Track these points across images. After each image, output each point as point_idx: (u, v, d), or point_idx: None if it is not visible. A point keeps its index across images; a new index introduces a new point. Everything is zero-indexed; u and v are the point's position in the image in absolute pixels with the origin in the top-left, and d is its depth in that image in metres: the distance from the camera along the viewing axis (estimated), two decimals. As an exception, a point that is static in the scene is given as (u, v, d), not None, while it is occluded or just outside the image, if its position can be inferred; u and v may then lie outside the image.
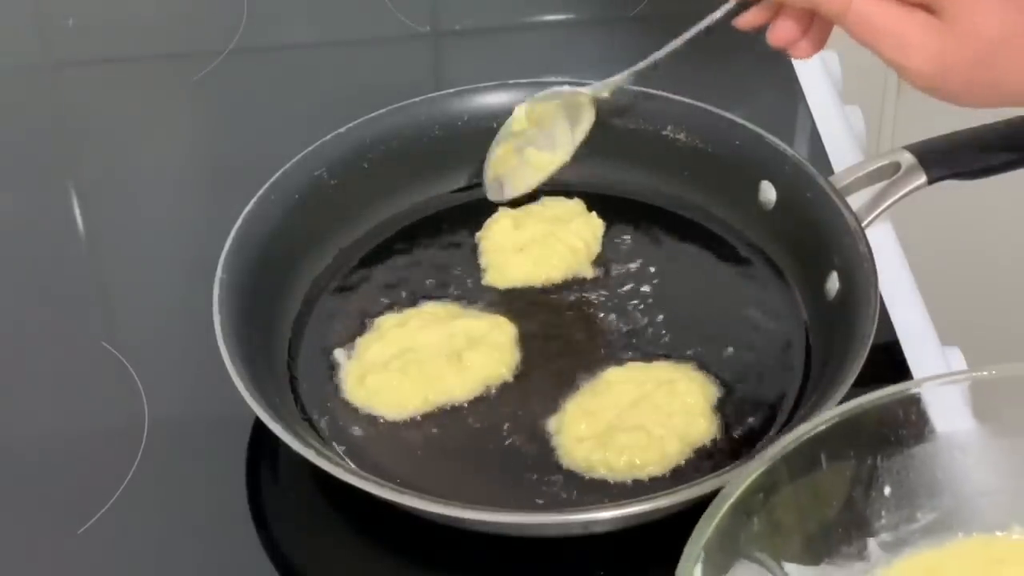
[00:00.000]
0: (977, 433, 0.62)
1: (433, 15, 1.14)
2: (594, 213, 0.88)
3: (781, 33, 0.76)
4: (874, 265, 0.77)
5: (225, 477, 0.76)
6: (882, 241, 0.85)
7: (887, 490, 0.62)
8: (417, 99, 0.91)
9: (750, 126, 0.87)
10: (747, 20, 0.78)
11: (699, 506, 0.68)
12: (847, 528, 0.62)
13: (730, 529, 0.58)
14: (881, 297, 0.76)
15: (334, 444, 0.76)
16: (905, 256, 0.87)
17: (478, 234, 0.87)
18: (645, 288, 0.84)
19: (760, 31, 0.77)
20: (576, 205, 0.88)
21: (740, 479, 0.59)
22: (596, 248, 0.86)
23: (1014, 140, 0.84)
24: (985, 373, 0.63)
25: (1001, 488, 0.62)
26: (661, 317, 0.82)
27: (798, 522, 0.61)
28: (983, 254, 1.43)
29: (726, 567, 0.58)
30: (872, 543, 0.62)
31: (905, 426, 0.62)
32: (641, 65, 0.84)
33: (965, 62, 0.69)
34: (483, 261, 0.85)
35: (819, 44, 0.76)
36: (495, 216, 0.87)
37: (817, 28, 0.76)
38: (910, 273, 0.86)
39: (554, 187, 0.89)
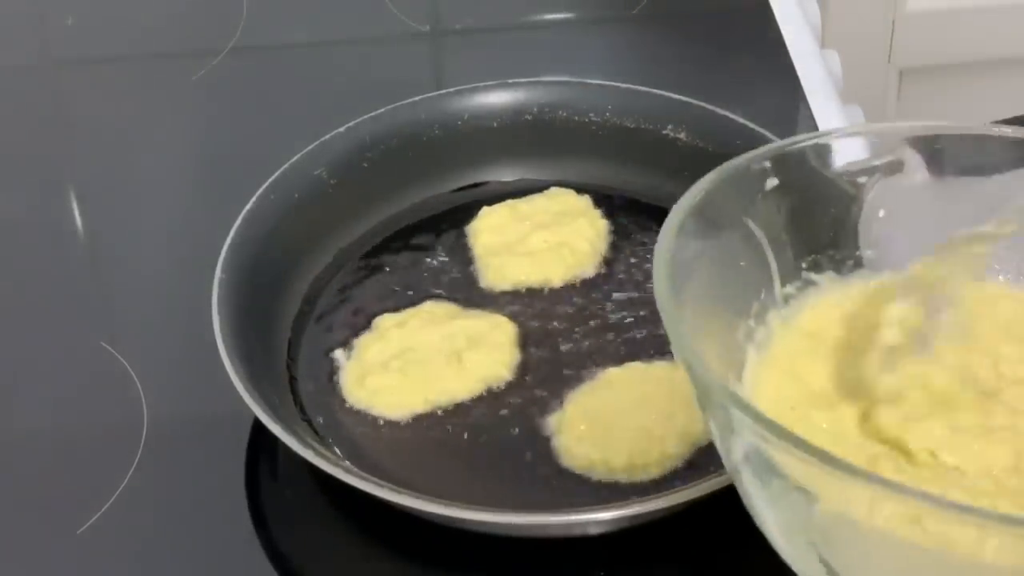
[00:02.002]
0: None
1: (433, 15, 1.14)
2: (599, 212, 0.88)
3: None
4: (874, 265, 0.77)
5: (224, 477, 0.76)
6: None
7: (881, 213, 0.64)
8: (417, 99, 0.91)
9: (750, 126, 0.87)
10: None
11: (699, 506, 0.69)
12: (836, 238, 0.64)
13: (725, 196, 0.61)
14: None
15: (333, 444, 0.76)
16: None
17: (471, 225, 0.87)
18: (644, 287, 0.84)
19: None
20: (582, 201, 0.88)
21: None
22: (600, 249, 0.86)
23: (1015, 138, 0.84)
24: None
25: None
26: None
27: (787, 212, 0.63)
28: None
29: (718, 227, 0.61)
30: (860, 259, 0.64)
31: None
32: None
33: None
34: (483, 262, 0.85)
35: None
36: (494, 207, 0.87)
37: None
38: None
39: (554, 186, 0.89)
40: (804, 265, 0.64)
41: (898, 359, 0.59)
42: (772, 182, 0.62)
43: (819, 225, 0.64)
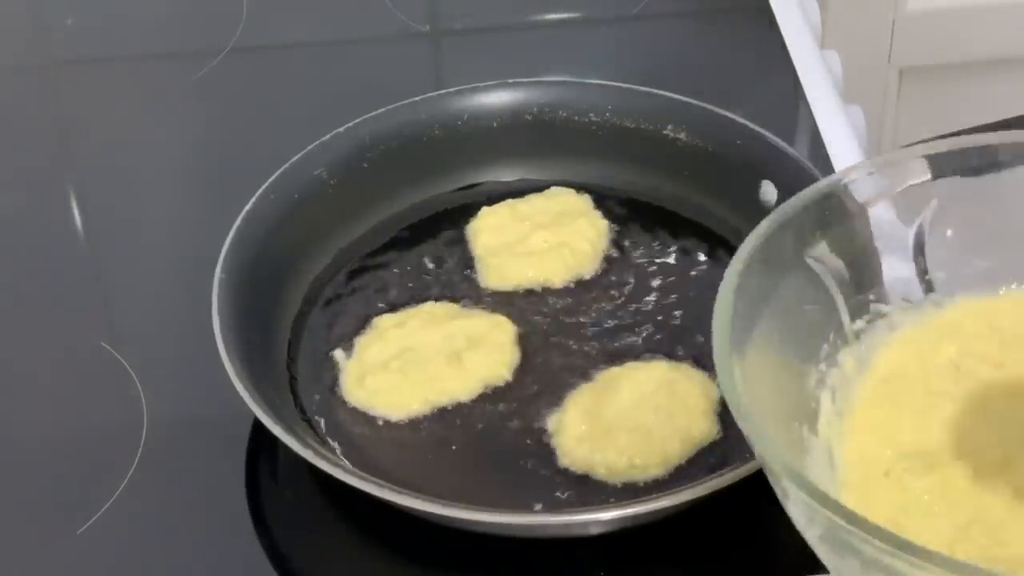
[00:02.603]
0: None
1: (433, 14, 1.14)
2: (599, 212, 0.88)
3: None
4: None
5: (224, 477, 0.76)
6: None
7: (948, 232, 0.62)
8: (417, 99, 0.91)
9: (750, 126, 0.87)
10: None
11: (699, 506, 0.69)
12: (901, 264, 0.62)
13: (782, 238, 0.59)
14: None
15: (333, 444, 0.76)
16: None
17: (471, 225, 0.87)
18: (645, 287, 0.84)
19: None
20: (582, 201, 0.88)
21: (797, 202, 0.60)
22: (600, 249, 0.86)
23: (1015, 138, 0.84)
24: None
25: None
26: (661, 317, 0.82)
27: (849, 246, 0.61)
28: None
29: (779, 276, 0.58)
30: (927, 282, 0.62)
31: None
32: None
33: None
34: (483, 262, 0.85)
35: None
36: (494, 207, 0.87)
37: None
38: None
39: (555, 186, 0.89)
40: (872, 297, 0.62)
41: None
42: (823, 222, 0.60)
43: (879, 255, 0.62)
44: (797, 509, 0.50)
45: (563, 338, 0.81)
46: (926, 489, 0.54)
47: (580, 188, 0.89)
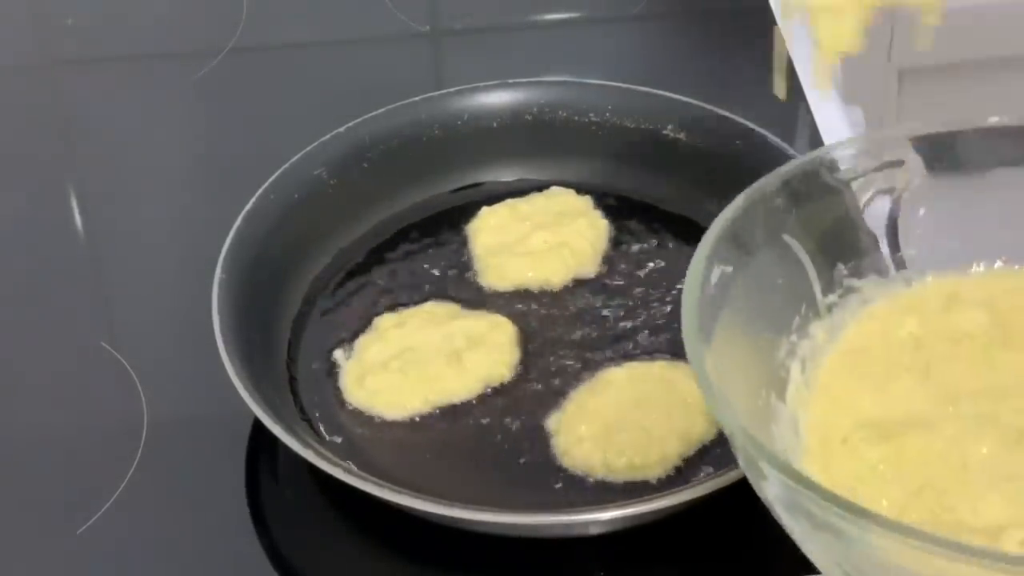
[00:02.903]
0: None
1: (433, 15, 1.14)
2: (599, 212, 0.88)
3: None
4: (874, 265, 0.77)
5: (224, 477, 0.76)
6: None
7: (921, 211, 0.63)
8: (417, 99, 0.91)
9: (750, 126, 0.87)
10: None
11: (699, 506, 0.69)
12: (875, 240, 0.63)
13: (757, 214, 0.60)
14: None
15: (334, 444, 0.76)
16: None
17: (471, 225, 0.87)
18: (645, 287, 0.84)
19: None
20: (582, 201, 0.88)
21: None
22: (600, 249, 0.86)
23: (1015, 137, 0.84)
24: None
25: None
26: (661, 317, 0.82)
27: (823, 223, 0.62)
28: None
29: (753, 249, 0.59)
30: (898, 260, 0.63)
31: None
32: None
33: None
34: (483, 262, 0.85)
35: None
36: (494, 207, 0.87)
37: None
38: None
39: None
40: (845, 272, 0.63)
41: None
42: (802, 197, 0.61)
43: (857, 231, 0.63)
44: (753, 472, 0.52)
45: (563, 338, 0.81)
46: (881, 458, 0.55)
47: (580, 188, 0.89)
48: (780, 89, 0.83)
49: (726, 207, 0.59)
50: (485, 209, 0.88)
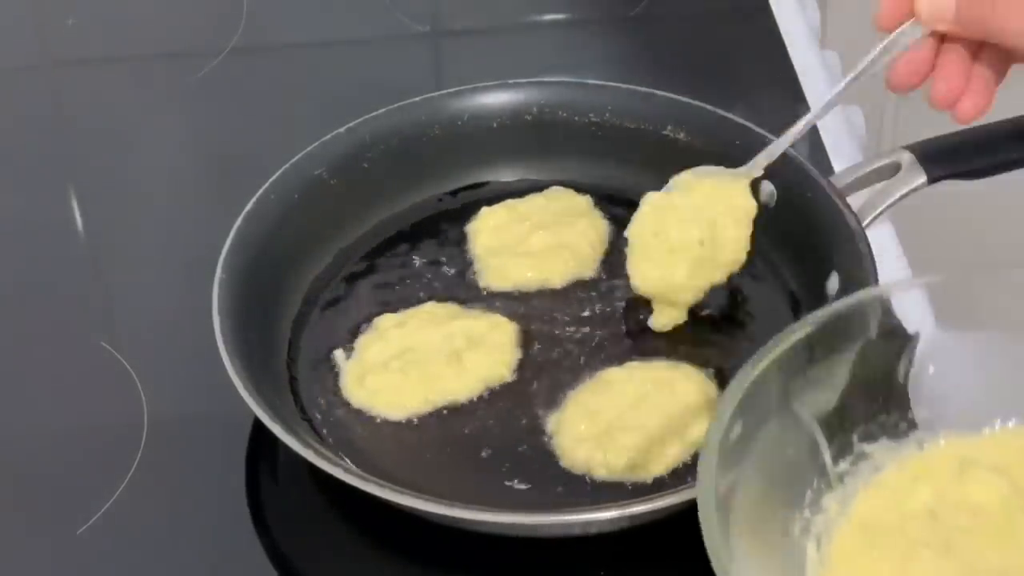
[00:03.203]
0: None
1: (433, 15, 1.14)
2: (599, 212, 0.88)
3: (942, 88, 0.70)
4: (874, 265, 0.77)
5: (225, 477, 0.76)
6: (882, 241, 0.85)
7: (931, 369, 0.61)
8: (417, 99, 0.91)
9: (750, 126, 0.87)
10: (901, 78, 0.72)
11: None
12: (887, 401, 0.61)
13: (767, 383, 0.57)
14: (881, 297, 0.76)
15: (334, 444, 0.76)
16: (905, 256, 0.87)
17: (471, 225, 0.87)
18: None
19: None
20: (582, 201, 0.88)
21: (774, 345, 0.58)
22: (600, 249, 0.86)
23: (1014, 140, 0.84)
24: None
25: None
26: (661, 317, 0.82)
27: (834, 386, 0.59)
28: (983, 254, 1.43)
29: (761, 422, 0.57)
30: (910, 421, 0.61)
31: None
32: (792, 137, 0.80)
33: None
34: (483, 262, 0.85)
35: (986, 99, 0.71)
36: (494, 207, 0.87)
37: (980, 79, 0.71)
38: (910, 273, 0.86)
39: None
40: (856, 437, 0.61)
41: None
42: (814, 357, 0.58)
43: (868, 391, 0.60)
44: None
45: (563, 338, 0.81)
46: None
47: (580, 188, 0.89)
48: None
49: (736, 377, 0.57)
50: (485, 209, 0.88)
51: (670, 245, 0.78)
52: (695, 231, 0.78)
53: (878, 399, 0.61)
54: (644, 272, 0.79)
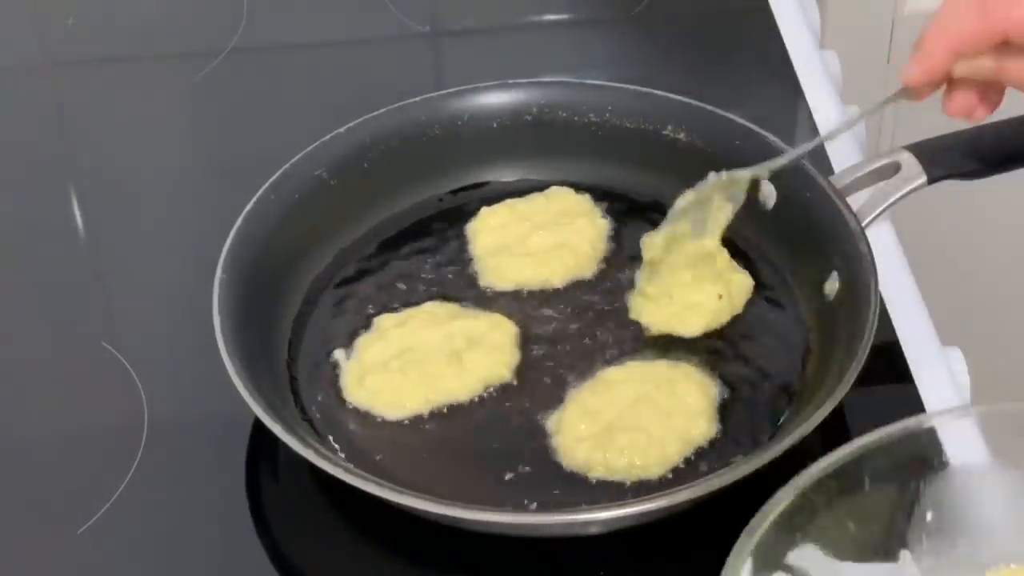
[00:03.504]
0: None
1: (433, 15, 1.14)
2: (599, 212, 0.88)
3: (960, 103, 0.73)
4: (874, 265, 0.77)
5: (225, 477, 0.76)
6: (882, 241, 0.85)
7: (928, 515, 0.61)
8: (417, 99, 0.91)
9: (750, 126, 0.87)
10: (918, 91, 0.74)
11: (699, 506, 0.69)
12: (887, 546, 0.61)
13: (768, 543, 0.57)
14: (881, 297, 0.76)
15: (334, 444, 0.76)
16: (905, 256, 0.87)
17: (471, 225, 0.87)
18: (645, 288, 0.84)
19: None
20: (582, 201, 0.88)
21: (773, 506, 0.58)
22: (600, 249, 0.86)
23: (1014, 140, 0.84)
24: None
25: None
26: (661, 317, 0.82)
27: (837, 537, 0.60)
28: (983, 254, 1.43)
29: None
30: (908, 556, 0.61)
31: (933, 455, 0.61)
32: (803, 149, 0.82)
33: None
34: (483, 262, 0.85)
35: (994, 105, 0.74)
36: (494, 207, 0.87)
37: (993, 91, 0.73)
38: (910, 273, 0.86)
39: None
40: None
41: None
42: (833, 496, 0.59)
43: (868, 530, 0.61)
44: None
45: (563, 338, 0.81)
46: None
47: (580, 188, 0.89)
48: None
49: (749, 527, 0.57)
50: (485, 209, 0.88)
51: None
52: None
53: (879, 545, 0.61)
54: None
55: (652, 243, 0.81)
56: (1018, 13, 0.67)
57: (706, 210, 0.81)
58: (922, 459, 0.61)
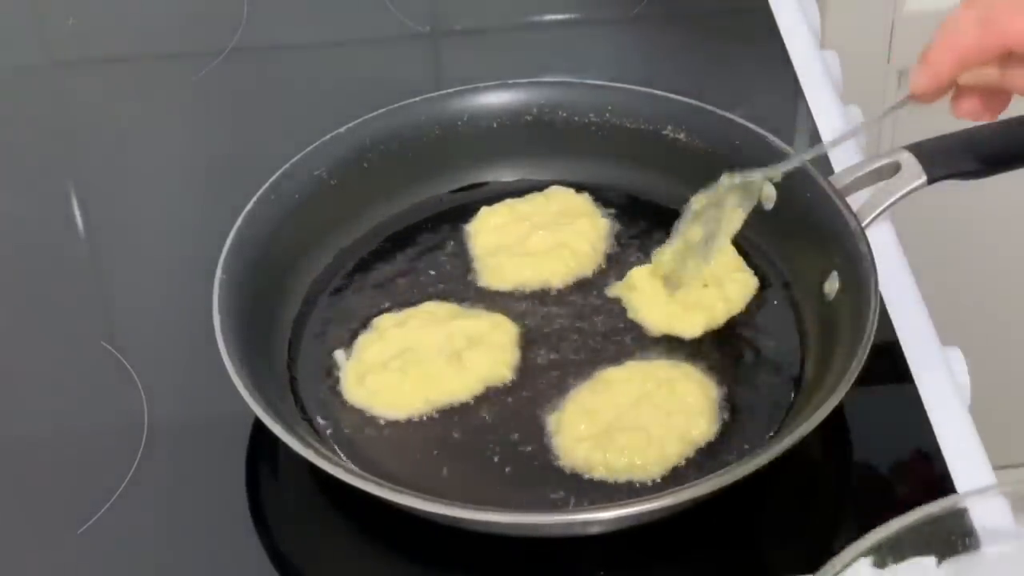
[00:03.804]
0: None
1: (433, 15, 1.14)
2: (599, 212, 0.88)
3: (967, 108, 0.74)
4: (874, 265, 0.77)
5: (225, 477, 0.76)
6: (882, 241, 0.85)
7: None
8: (417, 99, 0.91)
9: (750, 126, 0.87)
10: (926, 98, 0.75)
11: (699, 506, 0.69)
12: None
13: None
14: (881, 297, 0.76)
15: (334, 444, 0.76)
16: (905, 256, 0.87)
17: (471, 225, 0.87)
18: (645, 288, 0.84)
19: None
20: (582, 201, 0.88)
21: None
22: (600, 249, 0.86)
23: (1014, 140, 0.84)
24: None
25: None
26: (661, 317, 0.82)
27: None
28: (983, 254, 1.43)
29: None
30: None
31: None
32: (815, 152, 0.83)
33: None
34: (483, 262, 0.85)
35: (1002, 107, 0.75)
36: (494, 207, 0.88)
37: (999, 94, 0.74)
38: (910, 273, 0.86)
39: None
40: None
41: None
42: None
43: None
44: None
45: (563, 338, 0.81)
46: None
47: (580, 188, 0.89)
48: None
49: None
50: (485, 209, 0.88)
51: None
52: None
53: None
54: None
55: (661, 260, 0.81)
56: (1017, 26, 0.68)
57: (720, 212, 0.81)
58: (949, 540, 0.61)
